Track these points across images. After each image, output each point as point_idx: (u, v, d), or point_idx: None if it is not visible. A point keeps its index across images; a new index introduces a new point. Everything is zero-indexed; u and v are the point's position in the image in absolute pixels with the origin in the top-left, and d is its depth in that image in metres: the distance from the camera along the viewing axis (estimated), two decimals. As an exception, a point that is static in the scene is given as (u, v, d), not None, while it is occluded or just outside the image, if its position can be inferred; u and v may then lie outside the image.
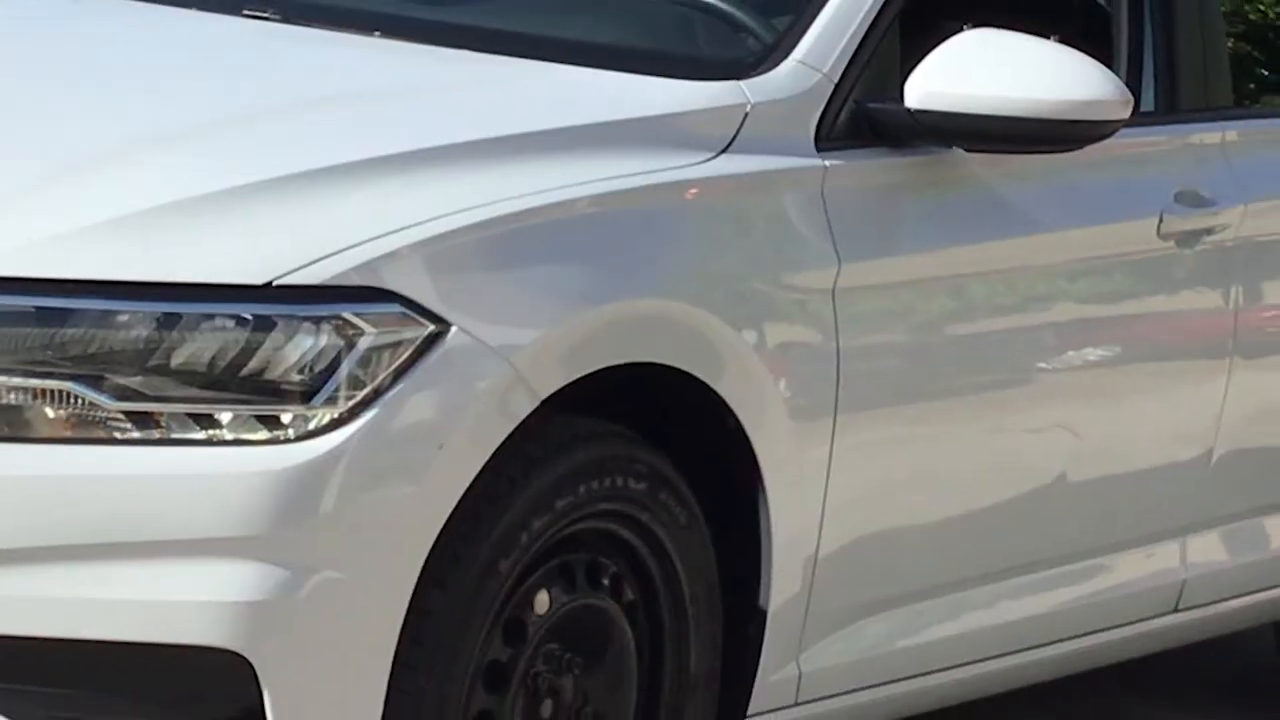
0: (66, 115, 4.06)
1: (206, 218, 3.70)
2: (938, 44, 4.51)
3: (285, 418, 3.59)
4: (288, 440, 3.58)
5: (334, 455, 3.58)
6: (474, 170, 3.93)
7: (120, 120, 4.04)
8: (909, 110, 4.46)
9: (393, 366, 3.65)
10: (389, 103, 4.25)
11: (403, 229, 3.74)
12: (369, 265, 3.67)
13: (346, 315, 3.64)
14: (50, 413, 3.55)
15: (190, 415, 3.57)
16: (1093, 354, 4.96)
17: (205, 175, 3.77)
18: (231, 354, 3.59)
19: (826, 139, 4.41)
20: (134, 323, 3.58)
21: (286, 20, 4.63)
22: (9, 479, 3.51)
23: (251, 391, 3.59)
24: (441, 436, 3.68)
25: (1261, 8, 5.92)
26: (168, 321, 3.59)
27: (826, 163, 4.38)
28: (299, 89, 4.29)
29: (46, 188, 3.73)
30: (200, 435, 3.57)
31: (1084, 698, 5.80)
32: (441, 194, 3.84)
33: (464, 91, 4.33)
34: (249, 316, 3.61)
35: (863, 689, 4.59)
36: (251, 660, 3.54)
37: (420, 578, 3.68)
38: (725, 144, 4.27)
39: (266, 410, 3.59)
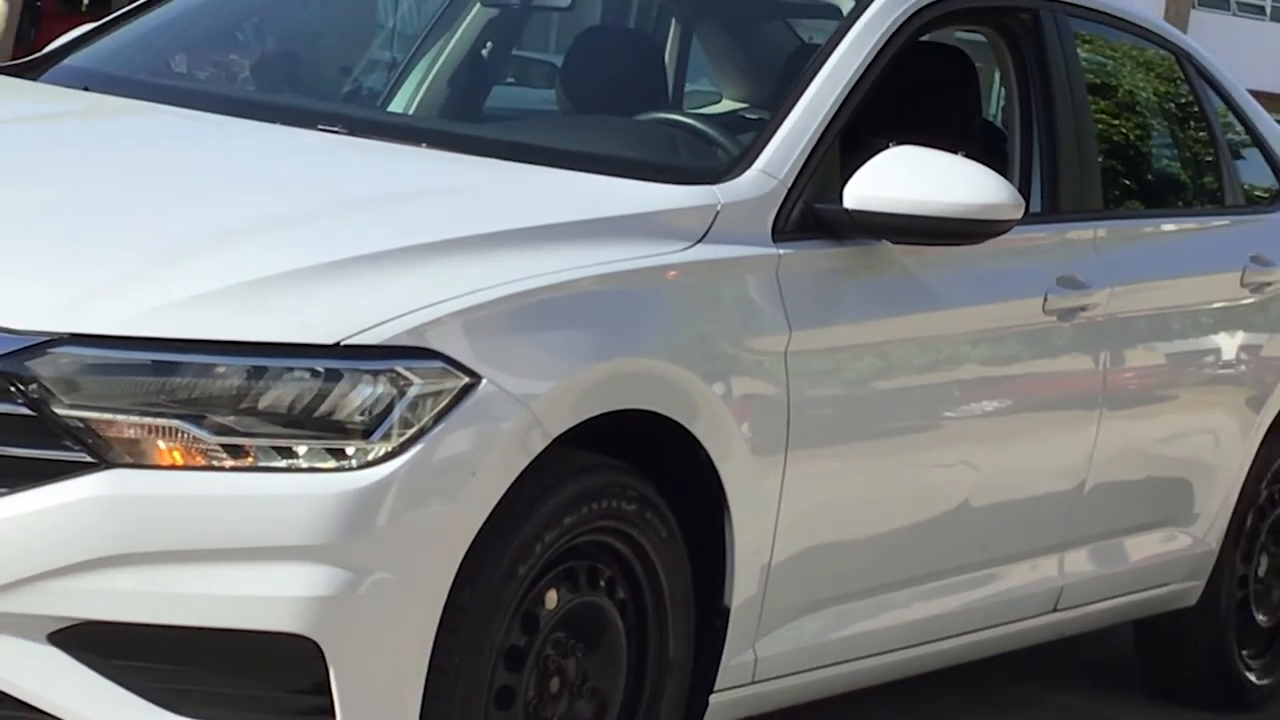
0: (174, 209, 4.06)
1: (287, 290, 3.70)
2: (869, 158, 4.52)
3: (349, 450, 3.59)
4: (351, 468, 3.59)
5: (388, 480, 3.59)
6: (501, 255, 3.93)
7: (218, 213, 4.03)
8: (847, 210, 4.47)
9: (435, 410, 3.65)
10: (432, 200, 4.25)
11: (443, 301, 3.74)
12: (417, 330, 3.67)
13: (399, 369, 3.64)
14: (161, 444, 3.54)
15: (274, 448, 3.57)
16: (990, 405, 4.97)
17: (287, 257, 3.78)
18: (307, 399, 3.59)
19: (781, 232, 4.41)
20: (229, 373, 3.58)
21: (353, 133, 4.63)
22: (129, 497, 3.51)
23: (323, 429, 3.59)
24: (473, 466, 3.68)
25: (1124, 130, 5.93)
26: (256, 373, 3.59)
27: (781, 251, 4.39)
28: (361, 188, 4.29)
29: (160, 266, 3.73)
30: (282, 464, 3.57)
31: (981, 682, 5.80)
32: (475, 274, 3.84)
33: (493, 192, 4.33)
34: (321, 369, 3.61)
35: (805, 671, 4.58)
36: (320, 643, 3.54)
37: (455, 579, 3.69)
38: (700, 235, 4.27)
39: (334, 444, 3.59)
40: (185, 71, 5.55)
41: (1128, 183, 5.90)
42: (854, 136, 4.67)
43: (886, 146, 4.55)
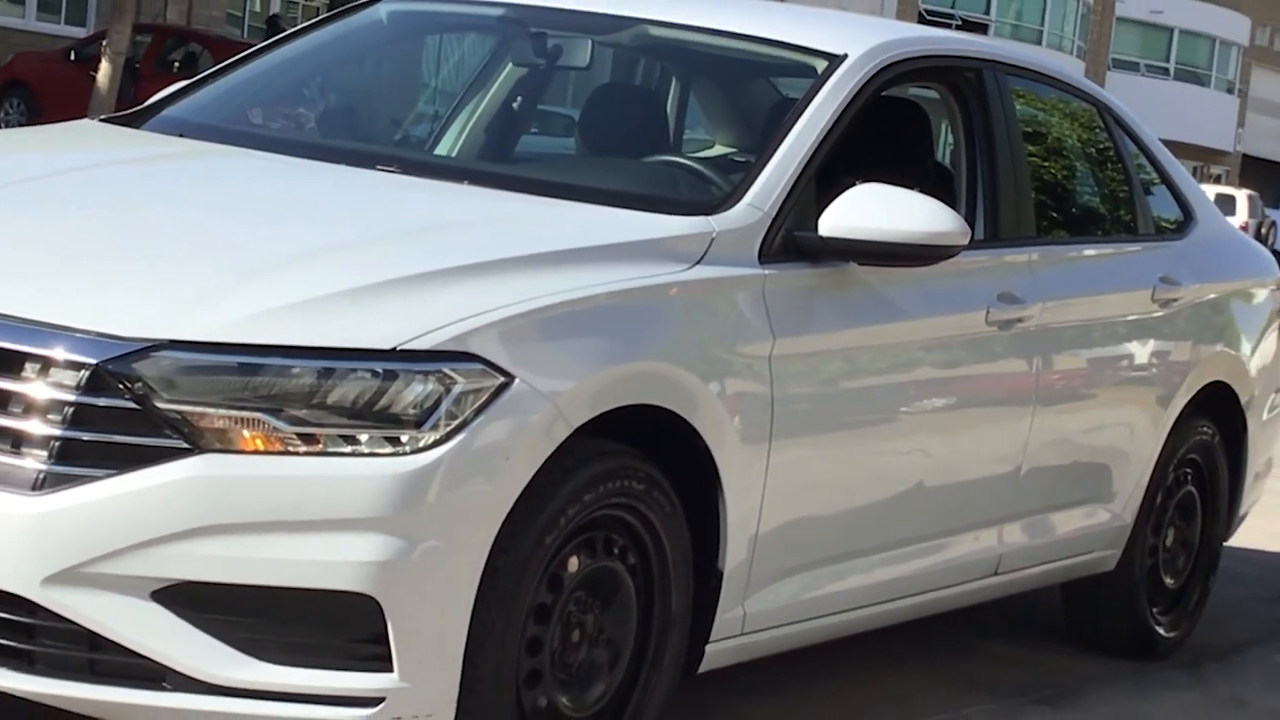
0: (255, 234, 4.06)
1: (351, 304, 3.70)
2: (840, 193, 4.53)
3: (404, 438, 3.60)
4: (405, 454, 3.59)
5: (436, 464, 3.59)
6: (531, 274, 3.93)
7: (292, 237, 4.03)
8: (821, 237, 4.48)
9: (476, 405, 3.65)
10: (473, 228, 4.24)
11: (483, 313, 3.74)
12: (460, 337, 3.68)
13: (445, 370, 3.64)
14: (246, 433, 3.55)
15: (341, 436, 3.58)
16: (941, 402, 4.96)
17: (351, 275, 3.78)
18: (368, 395, 3.60)
19: (766, 255, 4.41)
20: (303, 373, 3.59)
21: (406, 172, 4.64)
22: (218, 478, 3.52)
23: (381, 420, 3.59)
24: (508, 452, 3.69)
25: (1053, 170, 5.93)
26: (325, 373, 3.59)
27: (766, 272, 4.39)
28: (413, 219, 4.29)
29: (244, 283, 3.74)
30: (347, 450, 3.58)
31: (937, 634, 5.81)
32: (509, 290, 3.84)
33: (524, 221, 4.32)
34: (380, 370, 3.61)
35: (785, 625, 4.58)
36: (380, 601, 3.55)
37: (492, 547, 3.69)
38: (698, 258, 4.27)
39: (391, 433, 3.59)
40: (261, 122, 5.55)
41: (1056, 214, 5.90)
42: (827, 175, 4.67)
43: (854, 184, 4.56)
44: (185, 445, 3.53)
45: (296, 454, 3.56)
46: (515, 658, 3.81)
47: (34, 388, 3.57)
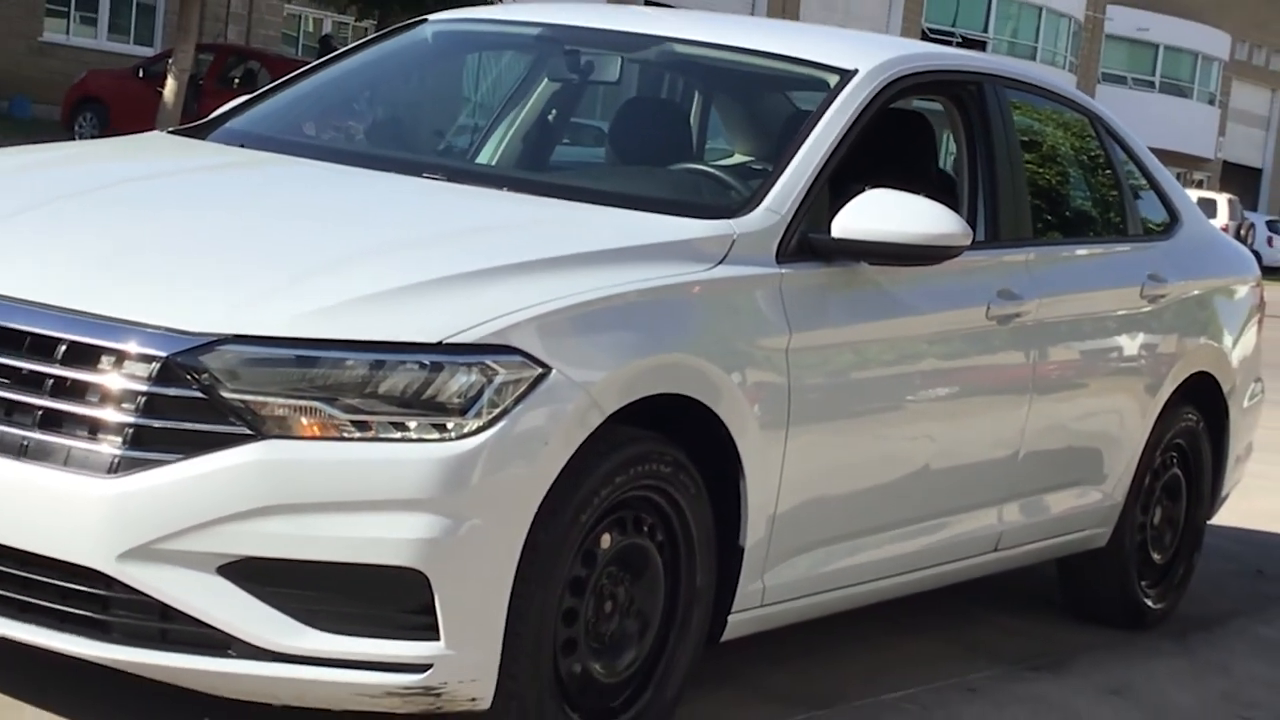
0: (312, 236, 4.08)
1: (400, 301, 3.71)
2: (851, 198, 4.53)
3: (449, 425, 3.60)
4: (451, 439, 3.60)
5: (479, 449, 3.60)
6: (566, 273, 3.94)
7: (345, 240, 4.04)
8: (834, 238, 4.48)
9: (515, 394, 3.66)
10: (512, 230, 4.25)
11: (522, 309, 3.75)
12: (501, 331, 3.68)
13: (487, 362, 3.65)
14: (304, 421, 3.57)
15: (391, 423, 3.58)
16: (944, 391, 4.96)
17: (400, 274, 3.79)
18: (416, 385, 3.61)
19: (783, 256, 4.41)
20: (356, 365, 3.60)
21: (451, 179, 4.64)
22: (279, 461, 3.54)
23: (429, 408, 3.60)
24: (546, 438, 3.69)
25: (1048, 176, 5.92)
26: (377, 365, 3.60)
27: (783, 271, 4.39)
28: (456, 222, 4.29)
29: (301, 282, 3.75)
30: (397, 435, 3.58)
31: (945, 605, 5.82)
32: (546, 287, 3.84)
33: (559, 224, 4.32)
34: (427, 362, 3.62)
35: (801, 597, 4.58)
36: (428, 574, 3.56)
37: (531, 525, 3.69)
38: (720, 259, 4.27)
39: (438, 420, 3.60)
40: (315, 133, 5.56)
41: (1051, 217, 5.89)
42: (839, 181, 4.67)
43: (864, 189, 4.55)
44: (248, 432, 3.54)
45: (350, 440, 3.57)
46: (552, 627, 3.82)
47: (109, 379, 3.59)
